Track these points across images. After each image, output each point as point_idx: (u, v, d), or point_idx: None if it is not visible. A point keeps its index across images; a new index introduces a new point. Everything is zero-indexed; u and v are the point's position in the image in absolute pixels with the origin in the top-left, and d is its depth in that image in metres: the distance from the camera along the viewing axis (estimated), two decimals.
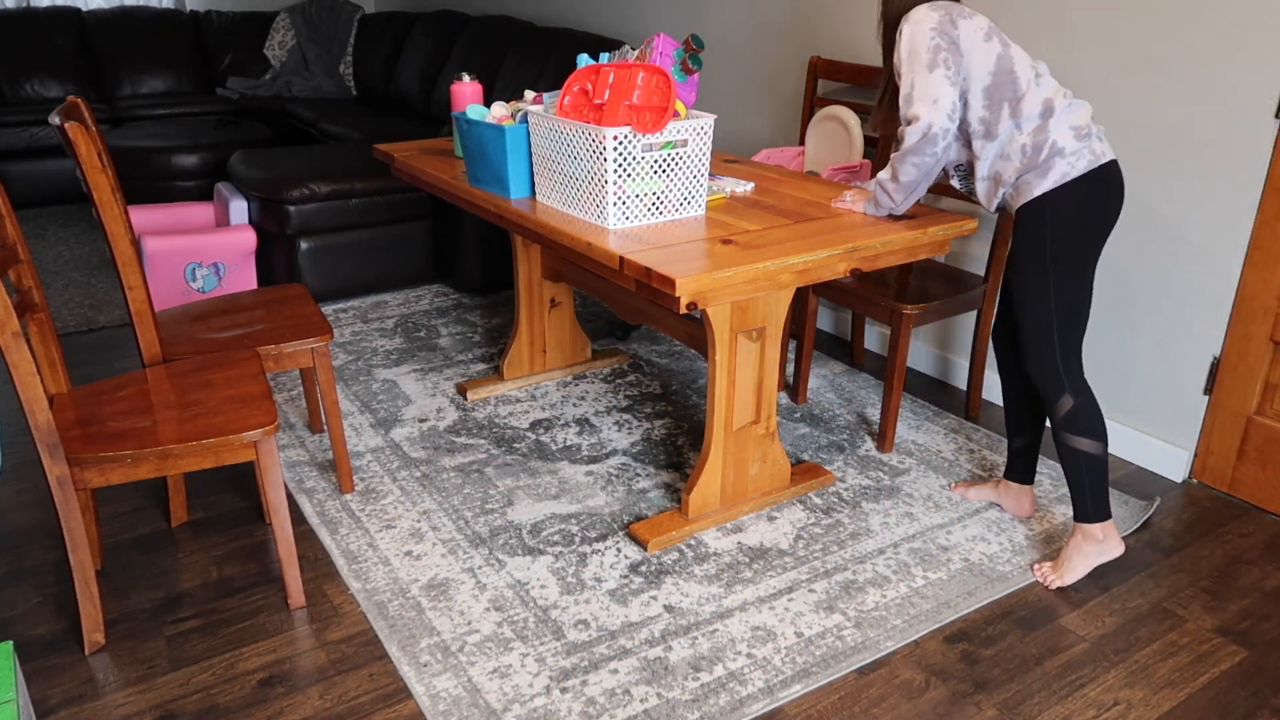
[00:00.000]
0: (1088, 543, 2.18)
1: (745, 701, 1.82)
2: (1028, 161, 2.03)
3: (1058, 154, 2.01)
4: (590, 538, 2.32)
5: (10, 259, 1.96)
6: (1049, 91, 2.04)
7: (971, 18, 2.05)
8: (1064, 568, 2.20)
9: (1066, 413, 2.11)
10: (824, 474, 2.57)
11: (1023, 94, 2.03)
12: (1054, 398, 2.11)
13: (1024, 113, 2.03)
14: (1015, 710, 1.83)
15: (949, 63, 2.01)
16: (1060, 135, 2.02)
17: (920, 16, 2.03)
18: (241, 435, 1.89)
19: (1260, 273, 2.39)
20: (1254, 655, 1.99)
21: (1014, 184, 2.08)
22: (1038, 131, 2.02)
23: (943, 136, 2.02)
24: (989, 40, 2.04)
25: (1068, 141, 2.01)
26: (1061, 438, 2.13)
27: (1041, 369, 2.11)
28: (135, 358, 3.33)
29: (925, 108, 2.00)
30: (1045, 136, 2.02)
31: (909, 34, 2.03)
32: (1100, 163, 2.02)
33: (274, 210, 3.62)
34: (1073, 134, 2.02)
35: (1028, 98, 2.03)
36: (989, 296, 2.81)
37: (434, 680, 1.87)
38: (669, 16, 4.04)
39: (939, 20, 2.01)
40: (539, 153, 2.29)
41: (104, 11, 5.93)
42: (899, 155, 2.08)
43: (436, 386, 3.12)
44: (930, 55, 2.00)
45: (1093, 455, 2.11)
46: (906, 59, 2.03)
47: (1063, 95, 2.05)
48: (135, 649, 1.96)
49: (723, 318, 2.18)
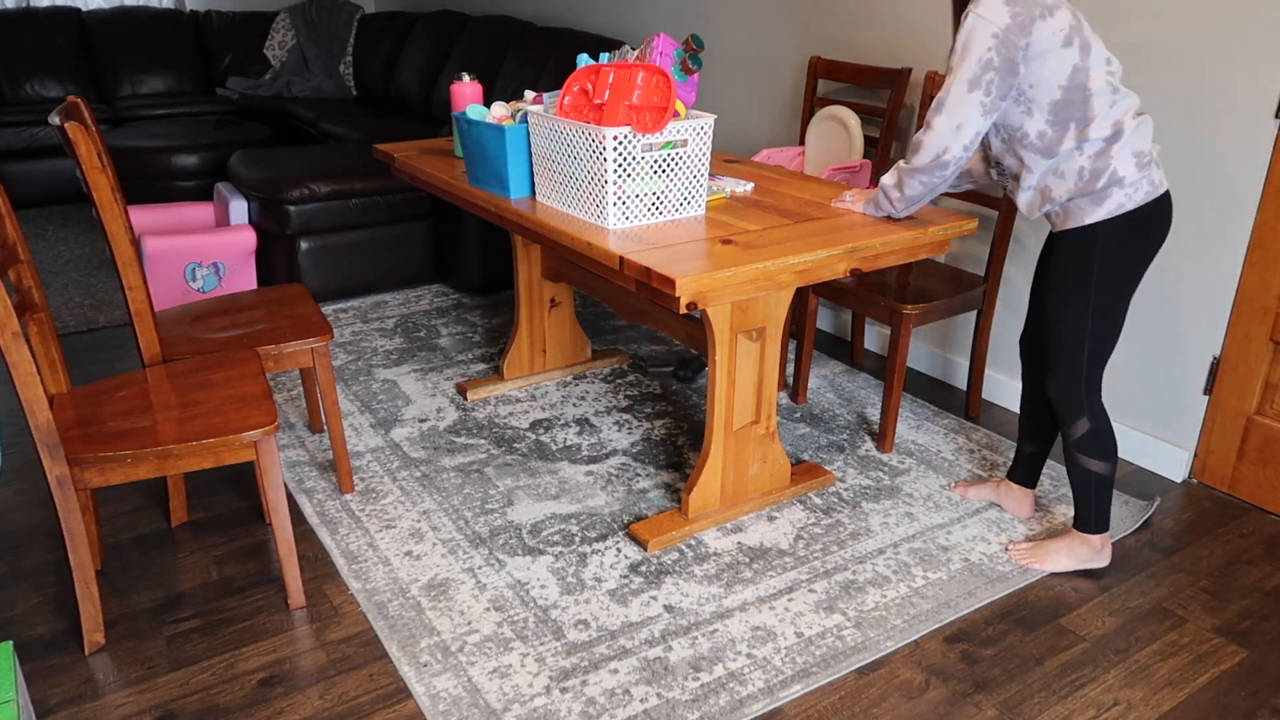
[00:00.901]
0: (1081, 547, 2.22)
1: (745, 701, 1.82)
2: (1084, 186, 1.91)
3: (1116, 183, 1.90)
4: (590, 538, 2.32)
5: (10, 259, 1.96)
6: (1121, 112, 1.89)
7: (1052, 15, 1.84)
8: (1047, 556, 2.23)
9: (1082, 435, 2.10)
10: (824, 474, 2.57)
11: (1094, 116, 1.88)
12: (1071, 419, 2.10)
13: (1090, 135, 1.89)
14: (1015, 710, 1.83)
15: (992, 87, 1.85)
16: (1122, 163, 1.89)
17: (991, 12, 1.82)
18: (241, 435, 1.89)
19: (1260, 273, 2.39)
20: (1254, 655, 1.99)
21: (1063, 205, 1.96)
22: (1099, 156, 1.89)
23: (954, 164, 1.96)
24: (1067, 46, 1.84)
25: (1128, 171, 1.89)
26: (1074, 457, 2.13)
27: (1064, 391, 2.08)
28: (135, 358, 3.33)
29: (946, 128, 1.91)
30: (1107, 163, 1.89)
31: (971, 27, 1.85)
32: (1156, 195, 1.92)
33: (274, 210, 3.62)
34: (1135, 162, 1.89)
35: (1098, 120, 1.88)
36: (989, 296, 2.81)
37: (434, 680, 1.87)
38: (669, 16, 4.04)
39: (1007, 26, 1.82)
40: (539, 153, 2.29)
41: (104, 11, 5.93)
42: (909, 169, 2.03)
43: (436, 386, 3.12)
44: (977, 70, 1.85)
45: (1101, 475, 2.13)
46: (959, 53, 1.88)
47: (1133, 114, 1.90)
48: (135, 649, 1.96)
49: (723, 318, 2.18)
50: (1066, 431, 2.12)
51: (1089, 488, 2.15)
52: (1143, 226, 1.94)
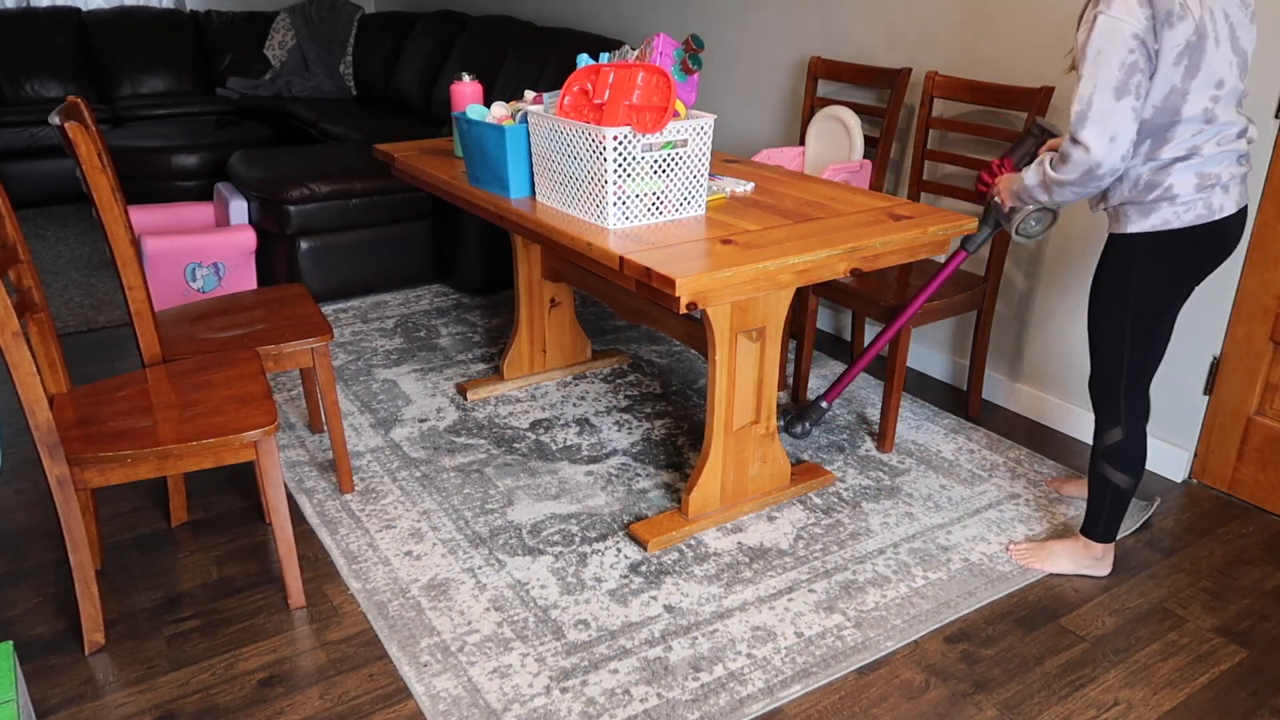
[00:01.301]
0: (1085, 553, 2.21)
1: (745, 701, 1.82)
2: (1136, 194, 1.87)
3: (1167, 199, 1.85)
4: (590, 538, 2.32)
5: (10, 259, 1.96)
6: (1204, 139, 1.82)
7: (1180, 22, 1.73)
8: (1049, 558, 2.23)
9: (1113, 444, 2.09)
10: (824, 474, 2.57)
11: (1171, 139, 1.82)
12: (1105, 425, 2.09)
13: (1161, 155, 1.84)
14: (1015, 710, 1.83)
15: (1140, 89, 1.75)
16: (1180, 181, 1.83)
17: (1124, 12, 1.72)
18: (241, 435, 1.89)
19: (1260, 273, 2.38)
20: (1254, 655, 1.99)
21: (1114, 208, 1.94)
22: (1160, 170, 1.84)
23: (1111, 174, 1.82)
24: (1178, 64, 1.76)
25: (1185, 190, 1.83)
26: (1098, 463, 2.12)
27: (1102, 395, 2.07)
28: (135, 358, 3.33)
29: (1100, 143, 1.77)
30: (1164, 178, 1.84)
31: (1106, 30, 1.74)
32: (1211, 219, 1.85)
33: (274, 210, 3.62)
34: (1196, 183, 1.83)
35: (1173, 144, 1.82)
36: (989, 296, 2.81)
37: (434, 680, 1.87)
38: (669, 16, 4.05)
39: (1144, 28, 1.72)
40: (539, 153, 2.29)
41: (104, 11, 5.93)
42: (1057, 180, 1.88)
43: (436, 386, 3.12)
44: (1123, 76, 1.74)
45: (1120, 489, 2.11)
46: (1092, 59, 1.76)
47: (1216, 143, 1.82)
48: (135, 649, 1.96)
49: (723, 318, 2.18)
50: (1098, 436, 2.11)
51: (1105, 498, 2.14)
52: (1187, 246, 1.89)
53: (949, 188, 2.92)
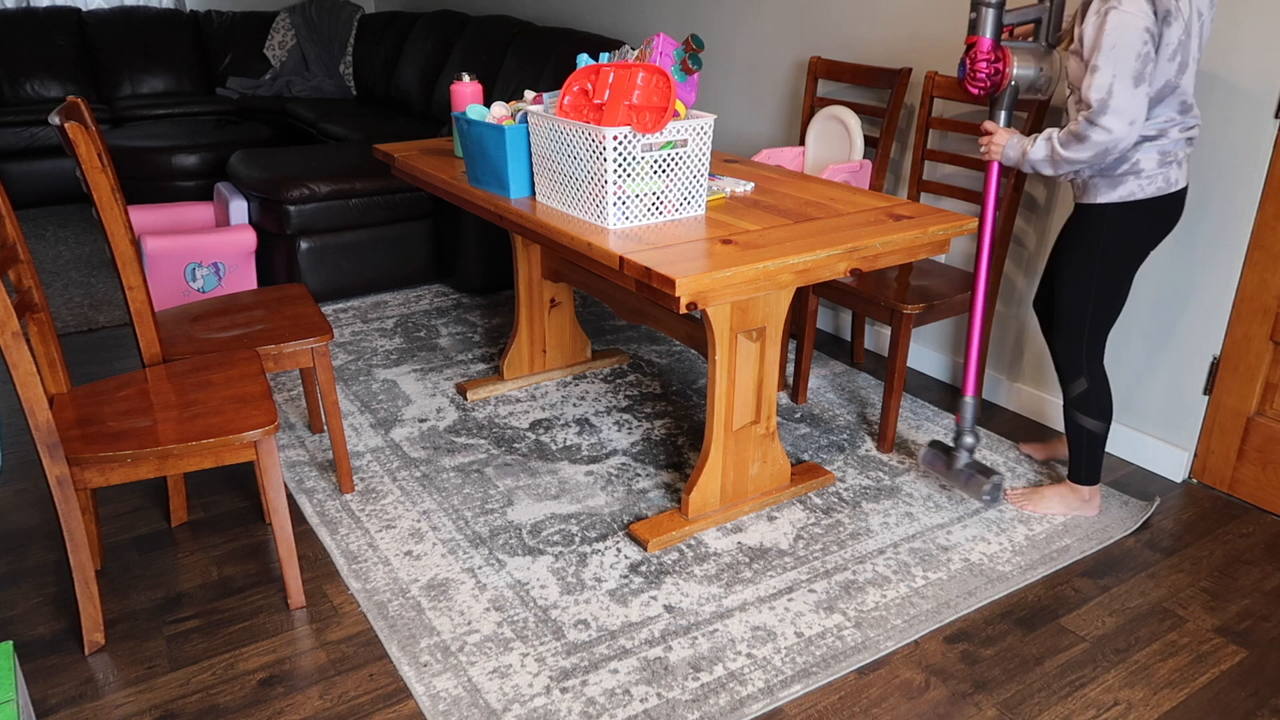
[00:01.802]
0: (1073, 496, 2.42)
1: (745, 701, 1.82)
2: (1105, 168, 2.08)
3: (1134, 173, 2.06)
4: (590, 538, 2.32)
5: (10, 259, 1.96)
6: (1173, 125, 2.04)
7: (1175, 21, 1.95)
8: (1041, 503, 2.44)
9: (1079, 394, 2.29)
10: (824, 474, 2.57)
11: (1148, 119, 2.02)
12: (1070, 378, 2.29)
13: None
14: (1015, 710, 1.83)
15: (1150, 77, 1.95)
16: (1146, 158, 2.05)
17: (1135, 7, 1.90)
18: (241, 435, 1.89)
19: (1260, 273, 2.39)
20: (1254, 655, 1.99)
21: (1084, 179, 2.13)
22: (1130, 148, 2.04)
23: (1121, 152, 2.02)
24: (1173, 60, 1.97)
25: (1149, 165, 2.06)
26: (1070, 413, 2.32)
27: (1066, 350, 2.28)
28: (135, 358, 3.33)
29: (1121, 125, 1.95)
30: (1133, 154, 2.05)
31: (1119, 23, 1.90)
32: (1169, 191, 2.08)
33: (274, 210, 3.62)
34: (1158, 159, 2.06)
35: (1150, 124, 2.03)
36: (989, 296, 2.81)
37: (434, 680, 1.87)
38: (669, 16, 4.05)
39: (1152, 23, 1.91)
40: (539, 153, 2.29)
41: (104, 11, 5.93)
42: (1068, 158, 2.04)
43: (436, 386, 3.12)
44: (1138, 66, 1.92)
45: (1094, 433, 2.32)
46: (1108, 51, 1.92)
47: (1180, 129, 2.05)
48: (135, 649, 1.96)
49: (723, 318, 2.18)
50: (1065, 389, 2.31)
51: (1081, 443, 2.34)
52: (1151, 214, 2.11)
53: (949, 188, 2.92)
